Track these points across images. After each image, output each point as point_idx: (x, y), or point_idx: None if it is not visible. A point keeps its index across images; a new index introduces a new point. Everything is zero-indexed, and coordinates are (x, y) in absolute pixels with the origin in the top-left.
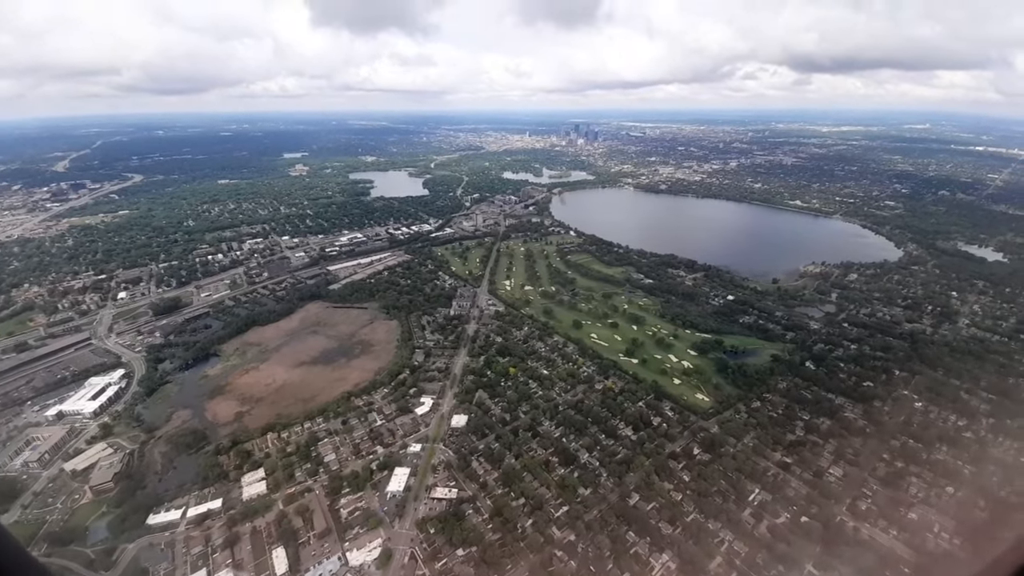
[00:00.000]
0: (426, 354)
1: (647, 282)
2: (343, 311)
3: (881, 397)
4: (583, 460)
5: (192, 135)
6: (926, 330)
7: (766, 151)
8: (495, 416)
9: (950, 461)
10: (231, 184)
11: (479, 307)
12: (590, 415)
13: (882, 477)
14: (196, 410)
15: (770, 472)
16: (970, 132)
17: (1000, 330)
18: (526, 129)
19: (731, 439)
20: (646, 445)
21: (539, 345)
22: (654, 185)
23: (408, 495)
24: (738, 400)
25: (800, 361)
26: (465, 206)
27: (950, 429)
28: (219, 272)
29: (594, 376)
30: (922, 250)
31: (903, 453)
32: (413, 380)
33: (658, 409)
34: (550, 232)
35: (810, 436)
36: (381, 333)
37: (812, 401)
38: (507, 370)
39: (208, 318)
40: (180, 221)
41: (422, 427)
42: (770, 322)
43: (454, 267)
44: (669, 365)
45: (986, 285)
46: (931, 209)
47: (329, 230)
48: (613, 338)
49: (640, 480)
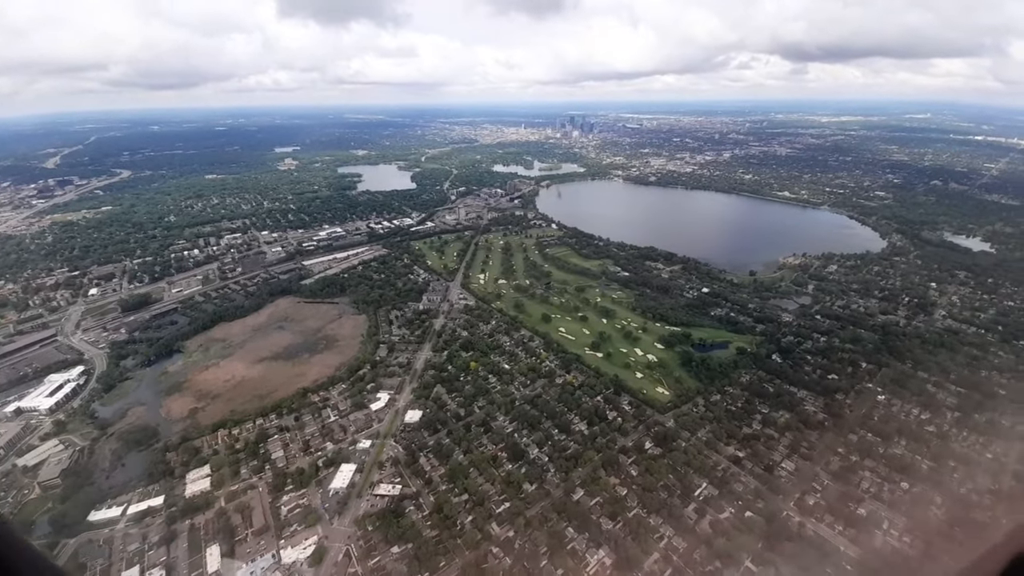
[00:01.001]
0: (389, 349)
1: (624, 275)
2: (313, 306)
3: (844, 390)
4: (532, 455)
5: (187, 130)
6: (900, 322)
7: (762, 142)
8: (450, 411)
9: (908, 456)
10: (218, 179)
11: (450, 301)
12: (545, 410)
13: (835, 471)
14: (151, 407)
15: (720, 466)
16: (971, 121)
17: (977, 322)
18: (521, 121)
19: (685, 433)
20: (598, 440)
21: (505, 339)
22: (643, 177)
23: (351, 492)
24: (698, 394)
25: (766, 354)
26: (450, 200)
27: (912, 423)
28: (193, 268)
29: (556, 370)
30: (906, 241)
31: (860, 447)
32: (372, 375)
33: (615, 403)
34: (532, 225)
35: (766, 430)
36: (348, 328)
37: (773, 394)
38: (468, 365)
39: (176, 314)
40: (161, 217)
41: (375, 423)
42: (741, 315)
43: (430, 261)
44: (633, 359)
45: (968, 276)
46: (921, 199)
47: (310, 224)
48: (581, 332)
49: (587, 475)
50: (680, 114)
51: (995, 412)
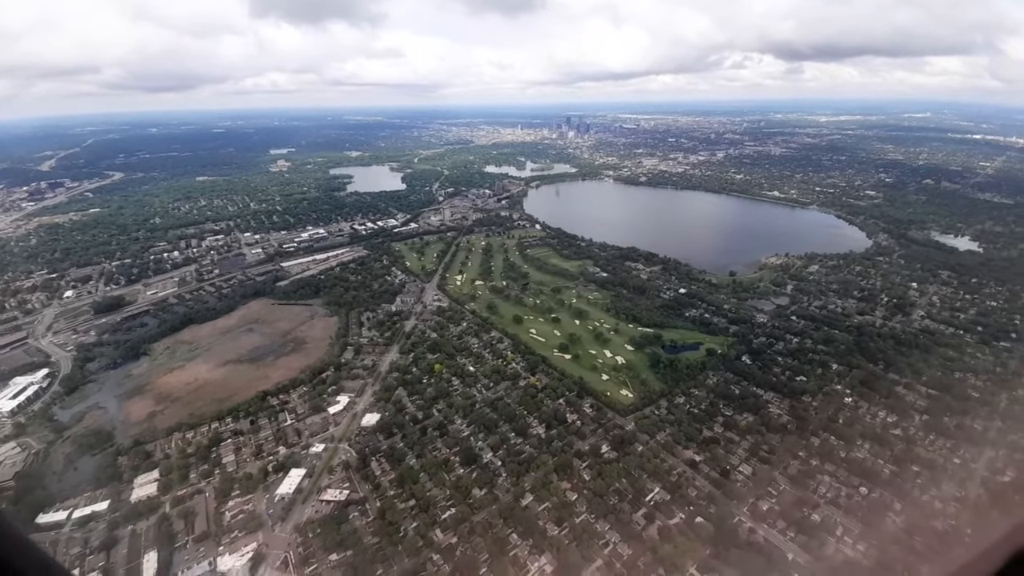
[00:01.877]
0: (356, 351)
1: (602, 276)
2: (285, 308)
3: (811, 392)
4: (486, 460)
5: (184, 132)
6: (876, 322)
7: (757, 142)
8: (409, 414)
9: (870, 460)
10: (208, 181)
11: (424, 303)
12: (505, 413)
13: (793, 476)
14: (110, 410)
15: (676, 471)
16: (970, 120)
17: (956, 322)
18: (518, 122)
19: (644, 436)
20: (554, 443)
21: (473, 341)
22: (634, 177)
23: (297, 497)
24: (662, 396)
25: (736, 355)
26: (438, 201)
27: (877, 426)
28: (171, 270)
29: (521, 373)
30: (892, 240)
31: (821, 451)
32: (335, 378)
33: (577, 406)
34: (516, 226)
35: (728, 432)
36: (318, 330)
37: (738, 396)
38: (433, 367)
39: (147, 316)
40: (147, 219)
41: (331, 427)
42: (716, 315)
43: (409, 262)
44: (602, 360)
45: (951, 275)
46: (911, 198)
47: (294, 226)
48: (552, 333)
49: (538, 480)
50: (678, 114)
51: (966, 416)
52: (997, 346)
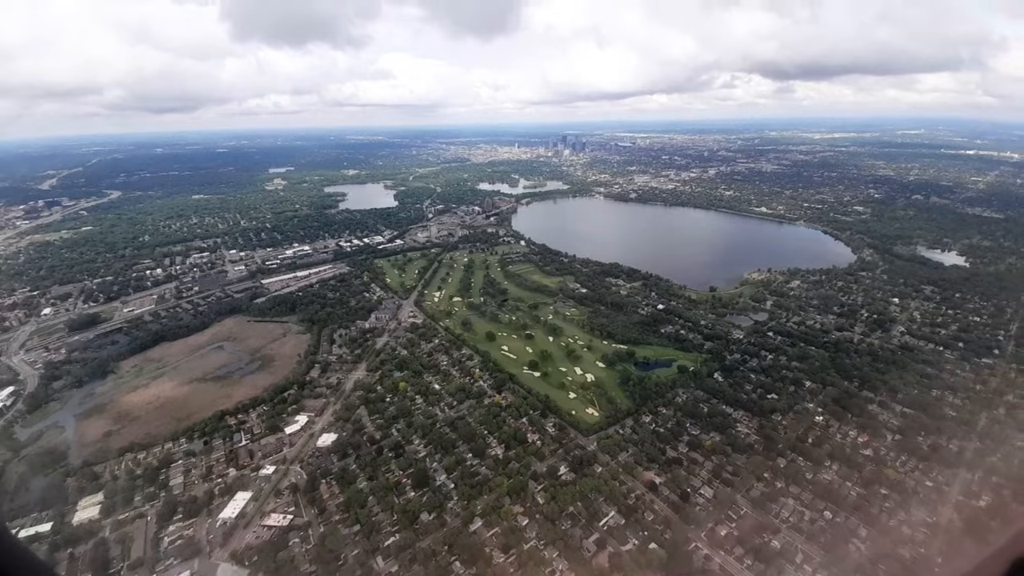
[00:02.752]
0: (323, 369)
1: (582, 292)
2: (259, 325)
3: (782, 411)
4: (439, 482)
5: (189, 152)
6: (854, 338)
7: (750, 159)
8: (367, 434)
9: (837, 482)
10: (203, 199)
11: (399, 319)
12: (464, 433)
13: (755, 499)
14: (68, 429)
15: (634, 493)
16: (964, 136)
17: (936, 338)
18: (515, 141)
19: (605, 457)
20: (511, 465)
21: (443, 358)
22: (625, 194)
23: (240, 522)
24: (628, 414)
25: (708, 372)
26: (427, 218)
27: (847, 446)
28: (151, 287)
29: (487, 391)
30: (877, 255)
31: (787, 472)
32: (297, 397)
33: (540, 426)
34: (501, 242)
35: (692, 453)
36: (288, 347)
37: (706, 415)
38: (397, 385)
39: (119, 334)
40: (136, 236)
41: (286, 447)
42: (692, 332)
43: (389, 279)
44: (571, 378)
45: (934, 291)
46: (899, 214)
47: (281, 243)
48: (524, 350)
49: (490, 503)
50: (674, 133)
51: (941, 436)
52: (978, 363)
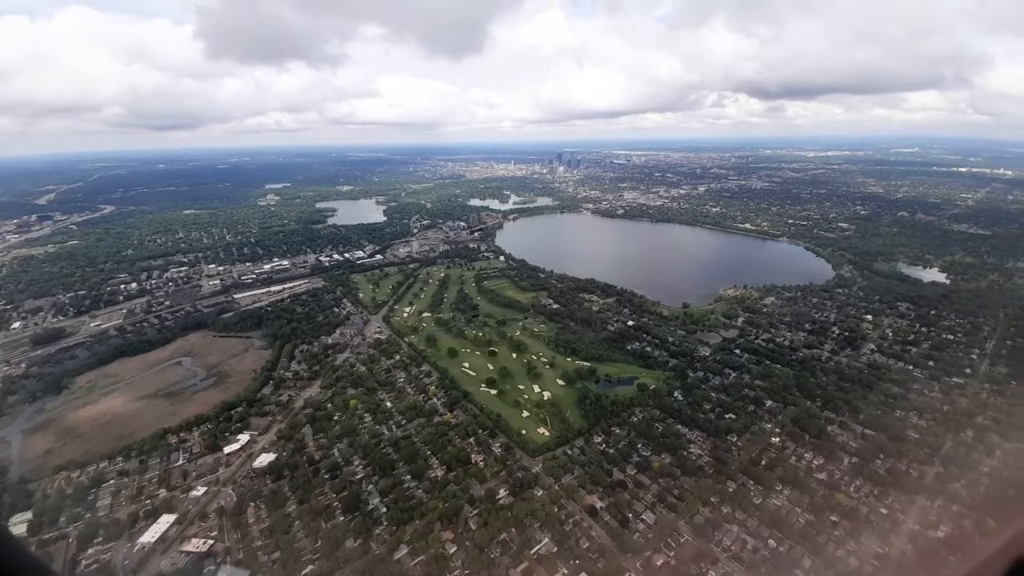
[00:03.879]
0: (276, 385)
1: (554, 307)
2: (223, 340)
3: (738, 431)
4: (371, 506)
5: (190, 168)
6: (823, 356)
7: (741, 176)
8: (307, 454)
9: (785, 508)
10: (194, 214)
11: (364, 335)
12: (407, 453)
13: (698, 525)
14: (14, 444)
15: (573, 518)
16: (958, 154)
17: (906, 357)
18: (512, 158)
19: (549, 479)
20: (450, 487)
21: (401, 375)
22: (612, 210)
23: (159, 547)
24: (579, 434)
25: (668, 391)
26: (412, 232)
27: (801, 469)
28: (123, 301)
29: (439, 409)
30: (856, 272)
31: (734, 497)
32: (244, 414)
33: (487, 446)
34: (480, 258)
35: (640, 475)
36: (247, 363)
37: (659, 435)
38: (347, 403)
39: (81, 348)
40: (119, 251)
41: (222, 468)
42: (658, 349)
43: (362, 294)
44: (527, 396)
45: (909, 308)
46: (884, 230)
47: (262, 257)
48: (485, 367)
49: (420, 529)
50: (670, 150)
51: (900, 460)
52: (948, 382)
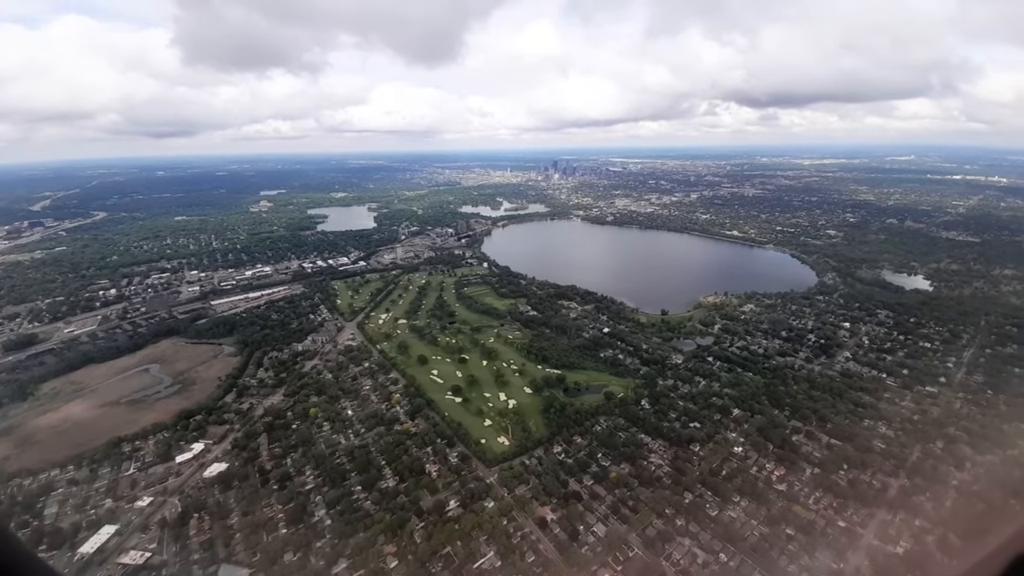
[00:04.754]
0: (239, 393)
1: (532, 314)
2: (193, 347)
3: (701, 440)
4: (317, 517)
5: (189, 175)
6: (796, 364)
7: (735, 183)
8: (259, 464)
9: (741, 520)
10: (184, 220)
11: (335, 342)
12: (361, 463)
13: (649, 538)
14: None
15: (522, 531)
16: (954, 162)
17: (881, 365)
18: (508, 165)
19: (502, 490)
20: (399, 498)
21: (367, 382)
22: (602, 217)
23: (96, 558)
24: (540, 444)
25: (635, 399)
26: (400, 239)
27: (760, 480)
28: (100, 307)
29: (400, 417)
30: (839, 279)
31: (690, 508)
32: (202, 422)
33: (443, 455)
34: (464, 264)
35: (597, 486)
36: (214, 370)
37: (620, 445)
38: (307, 411)
39: (51, 355)
40: (104, 257)
41: (171, 477)
42: (631, 356)
43: (340, 300)
44: (492, 404)
45: (888, 315)
46: (871, 237)
47: (245, 263)
48: (454, 374)
49: (364, 542)
50: (667, 158)
51: (864, 471)
52: (921, 391)
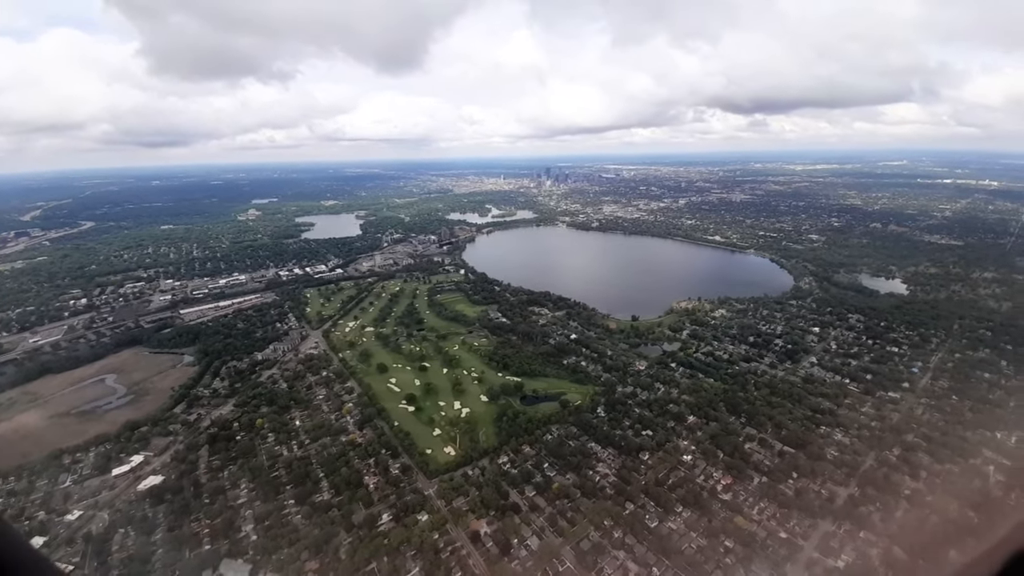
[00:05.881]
0: (190, 403)
1: (501, 321)
2: (155, 357)
3: (651, 449)
4: (243, 533)
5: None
6: (759, 369)
7: (725, 189)
8: (195, 477)
9: (680, 532)
10: (169, 229)
11: (297, 350)
12: (298, 475)
13: (584, 551)
14: None
15: (453, 545)
16: (946, 166)
17: (846, 370)
18: (501, 172)
19: (440, 502)
20: (331, 512)
21: (322, 392)
22: (587, 223)
23: None
24: (486, 454)
25: (591, 407)
26: (383, 246)
27: (707, 490)
28: (69, 317)
29: (348, 427)
30: (816, 283)
31: (630, 520)
32: (147, 434)
33: (385, 466)
34: (441, 271)
35: (538, 497)
36: (170, 380)
37: (568, 454)
38: (254, 422)
39: (11, 365)
40: (82, 267)
41: (106, 490)
42: (595, 363)
43: (310, 308)
44: (444, 413)
45: (859, 320)
46: (853, 242)
47: (223, 272)
48: (412, 383)
49: (285, 559)
50: (661, 165)
51: (813, 479)
52: (883, 396)
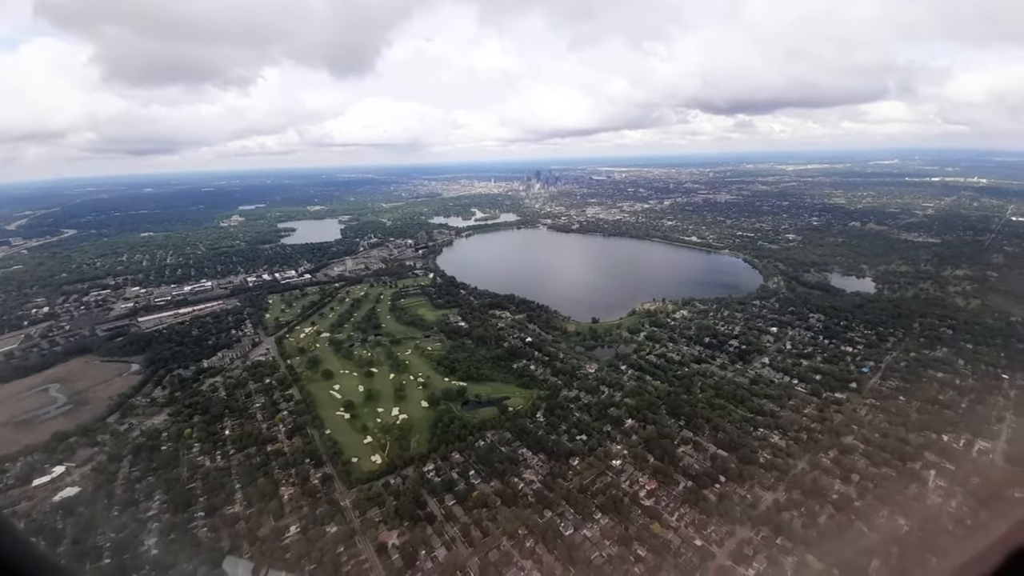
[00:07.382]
0: (124, 413)
1: (460, 325)
2: (104, 365)
3: (582, 454)
4: (146, 546)
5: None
6: (709, 371)
7: (712, 190)
8: (111, 489)
9: (594, 539)
10: (148, 237)
11: (245, 357)
12: (212, 486)
13: (491, 563)
14: None
15: (357, 558)
16: (936, 164)
17: (795, 371)
18: (494, 176)
19: (354, 513)
20: (239, 525)
21: (260, 400)
22: (567, 225)
23: None
24: (412, 462)
25: (532, 411)
26: (358, 251)
27: (629, 495)
28: (28, 326)
29: (278, 436)
30: (784, 282)
31: (544, 529)
32: (75, 444)
33: (306, 476)
34: (410, 276)
35: (456, 506)
36: (112, 389)
37: (497, 460)
38: (182, 432)
39: None
40: (54, 275)
41: (23, 502)
42: (544, 366)
43: (271, 314)
44: (380, 420)
45: (820, 319)
46: (828, 240)
47: (192, 278)
48: (356, 389)
49: (182, 574)
50: (653, 166)
51: (740, 483)
52: (830, 397)
